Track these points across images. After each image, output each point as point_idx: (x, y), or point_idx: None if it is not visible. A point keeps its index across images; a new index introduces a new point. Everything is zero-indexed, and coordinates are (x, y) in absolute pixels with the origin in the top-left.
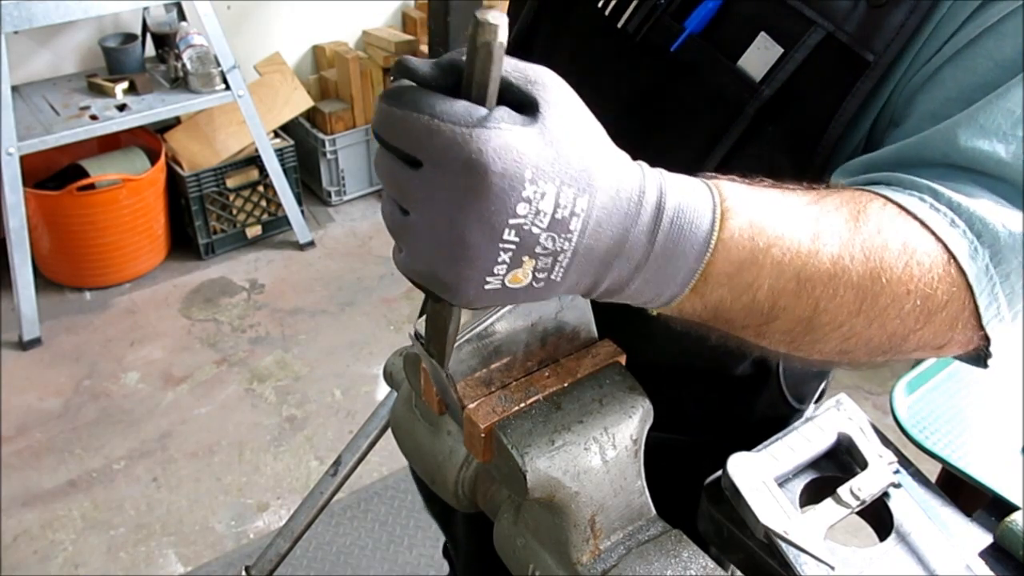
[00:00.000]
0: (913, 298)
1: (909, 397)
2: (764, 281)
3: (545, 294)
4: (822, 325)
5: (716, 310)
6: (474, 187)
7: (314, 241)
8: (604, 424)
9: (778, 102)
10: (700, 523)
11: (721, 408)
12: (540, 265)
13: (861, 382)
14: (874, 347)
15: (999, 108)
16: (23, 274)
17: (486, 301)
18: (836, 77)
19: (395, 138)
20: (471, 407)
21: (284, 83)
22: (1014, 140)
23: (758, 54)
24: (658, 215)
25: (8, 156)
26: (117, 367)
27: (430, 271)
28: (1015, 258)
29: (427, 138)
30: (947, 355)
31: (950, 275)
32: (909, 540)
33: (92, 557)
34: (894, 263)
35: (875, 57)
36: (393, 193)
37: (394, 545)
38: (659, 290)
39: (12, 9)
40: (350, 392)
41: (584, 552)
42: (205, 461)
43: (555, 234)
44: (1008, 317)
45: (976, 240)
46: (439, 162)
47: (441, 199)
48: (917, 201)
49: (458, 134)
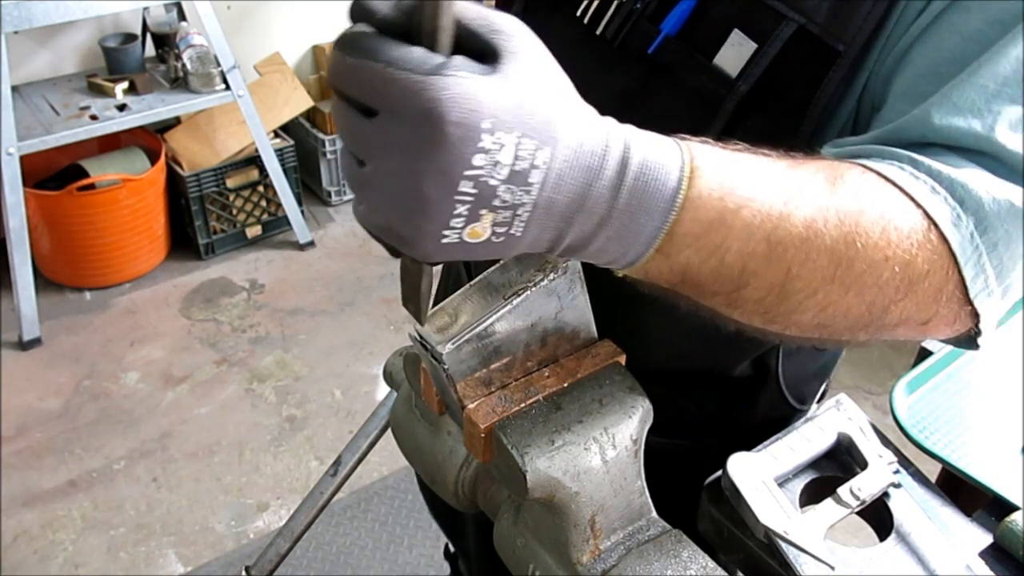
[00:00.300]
0: (891, 265)
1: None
2: (733, 243)
3: (505, 250)
4: (795, 292)
5: (684, 273)
6: (429, 137)
7: (314, 241)
8: (604, 424)
9: (755, 97)
10: (700, 523)
11: (721, 410)
12: (499, 219)
13: (861, 382)
14: (853, 319)
15: (972, 85)
16: (23, 274)
17: (444, 255)
18: (809, 69)
19: (350, 87)
20: (471, 407)
21: (284, 83)
22: (990, 114)
23: (733, 51)
24: (622, 170)
25: (8, 156)
26: (117, 367)
27: (387, 224)
28: (1001, 227)
29: (381, 87)
30: (934, 334)
31: (931, 242)
32: (909, 540)
33: (92, 557)
34: (870, 228)
35: (845, 47)
36: (349, 144)
37: (394, 545)
38: (623, 248)
39: (12, 9)
40: (350, 392)
41: (584, 552)
42: (205, 461)
43: (514, 187)
44: (997, 292)
45: (959, 207)
46: (394, 111)
47: (396, 150)
48: (897, 169)
49: (413, 82)
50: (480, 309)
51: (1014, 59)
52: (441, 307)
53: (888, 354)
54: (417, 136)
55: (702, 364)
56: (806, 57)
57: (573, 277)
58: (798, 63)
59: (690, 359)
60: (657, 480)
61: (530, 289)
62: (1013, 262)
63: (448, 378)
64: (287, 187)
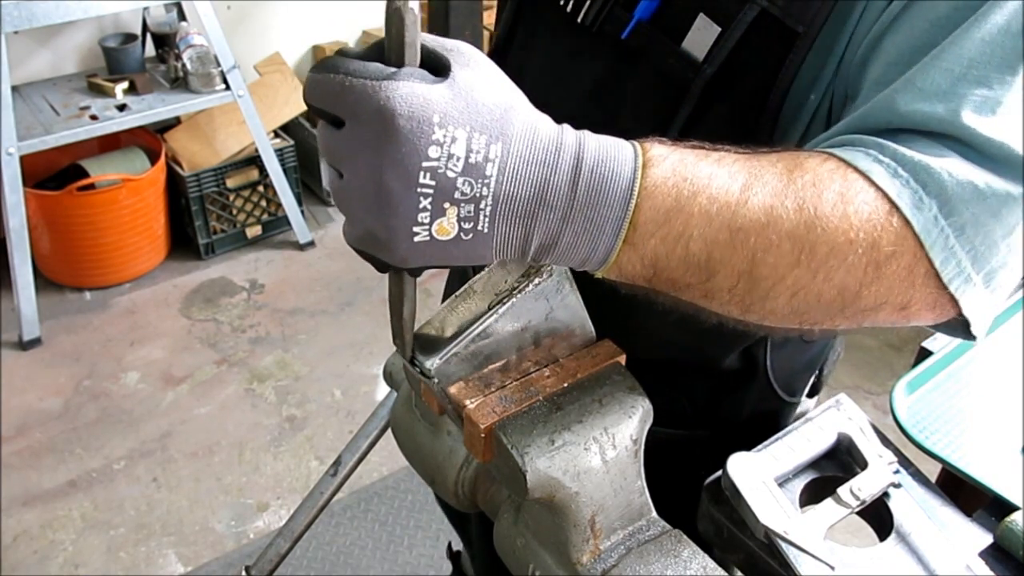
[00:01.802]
0: (855, 248)
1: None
2: (693, 230)
3: (478, 248)
4: (763, 278)
5: (655, 266)
6: (384, 131)
7: (314, 241)
8: (604, 424)
9: (721, 79)
10: (700, 523)
11: (711, 403)
12: (463, 213)
13: (861, 382)
14: (827, 304)
15: (937, 68)
16: (23, 274)
17: (420, 258)
18: (772, 51)
19: (318, 100)
20: (471, 407)
21: (284, 83)
22: (955, 98)
23: (699, 35)
24: (577, 163)
25: (8, 156)
26: (117, 367)
27: (365, 230)
28: (967, 210)
29: (342, 94)
30: (917, 319)
31: (892, 224)
32: (909, 540)
33: (92, 557)
34: (829, 212)
35: (804, 28)
36: (327, 158)
37: (394, 545)
38: (592, 243)
39: (12, 9)
40: (350, 392)
41: (584, 552)
42: (205, 461)
43: (471, 179)
44: (978, 280)
45: (921, 190)
46: (354, 115)
47: (360, 151)
48: (861, 155)
49: (368, 86)
50: (466, 321)
51: (979, 40)
52: (428, 322)
53: (888, 354)
54: (374, 133)
55: (690, 356)
56: (769, 40)
57: (560, 278)
58: (761, 45)
59: (678, 350)
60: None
61: (515, 296)
62: (989, 248)
63: (441, 392)
64: (287, 187)
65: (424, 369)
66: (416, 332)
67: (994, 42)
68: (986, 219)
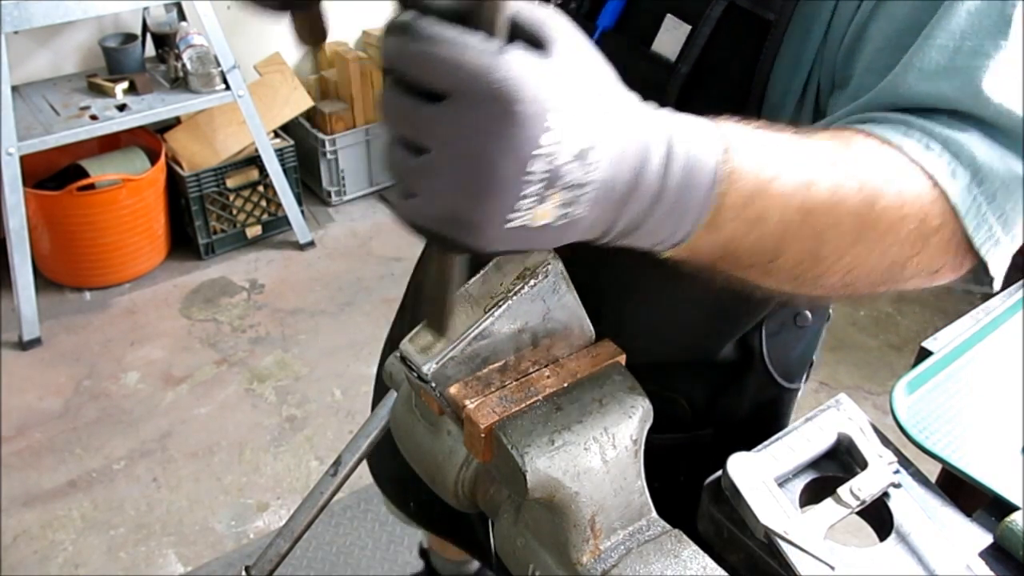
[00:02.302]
0: (908, 223)
1: (909, 397)
2: (773, 213)
3: (566, 234)
4: (826, 257)
5: (726, 247)
6: (501, 115)
7: (314, 241)
8: (604, 424)
9: (697, 77)
10: (700, 523)
11: (711, 399)
12: (563, 199)
13: (861, 382)
14: (876, 277)
15: (932, 46)
16: (23, 274)
17: (503, 244)
18: (745, 42)
19: (415, 71)
20: (471, 407)
21: (284, 83)
22: (955, 74)
23: (669, 35)
24: (670, 149)
25: (8, 156)
26: (117, 367)
27: (450, 212)
28: (996, 177)
29: (453, 69)
30: (940, 280)
31: (936, 197)
32: (909, 540)
33: (92, 557)
34: (885, 188)
35: (775, 15)
36: (407, 132)
37: (394, 545)
38: (674, 227)
39: (12, 9)
40: (350, 392)
41: (584, 552)
42: (205, 461)
43: (578, 166)
44: (1006, 240)
45: (955, 160)
46: (465, 92)
47: (467, 131)
48: (890, 130)
49: (485, 63)
50: (462, 324)
51: (964, 12)
52: (423, 326)
53: (888, 354)
54: (488, 116)
55: (686, 353)
56: (741, 32)
57: (556, 278)
58: (734, 39)
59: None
60: (656, 478)
61: (512, 298)
62: (1016, 212)
63: (440, 396)
64: (287, 187)
65: (421, 374)
66: (411, 336)
67: (980, 11)
68: (1013, 184)
